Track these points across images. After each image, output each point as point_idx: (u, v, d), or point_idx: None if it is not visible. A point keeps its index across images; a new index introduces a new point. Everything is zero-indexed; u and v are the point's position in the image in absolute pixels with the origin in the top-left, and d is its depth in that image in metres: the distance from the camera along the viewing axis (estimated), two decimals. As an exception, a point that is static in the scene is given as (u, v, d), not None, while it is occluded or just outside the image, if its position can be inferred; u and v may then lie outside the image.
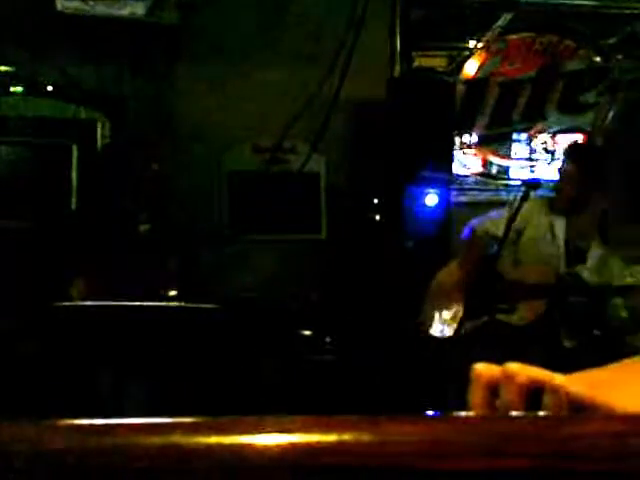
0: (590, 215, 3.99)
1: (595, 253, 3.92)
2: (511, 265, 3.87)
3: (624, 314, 3.87)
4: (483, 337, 3.76)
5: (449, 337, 3.77)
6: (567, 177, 3.90)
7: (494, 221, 4.08)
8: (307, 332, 4.55)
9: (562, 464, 0.49)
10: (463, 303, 3.89)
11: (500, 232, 3.95)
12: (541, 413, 0.76)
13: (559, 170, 4.07)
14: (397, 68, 5.24)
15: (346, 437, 0.50)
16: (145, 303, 3.30)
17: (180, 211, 4.72)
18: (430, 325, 4.02)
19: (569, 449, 0.50)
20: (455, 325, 3.70)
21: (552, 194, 3.99)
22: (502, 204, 4.48)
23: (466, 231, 4.12)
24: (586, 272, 3.88)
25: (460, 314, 3.70)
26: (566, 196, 3.88)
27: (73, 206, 4.52)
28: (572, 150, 4.29)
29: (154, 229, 3.93)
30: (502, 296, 3.80)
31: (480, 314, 3.81)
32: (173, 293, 3.76)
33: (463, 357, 3.73)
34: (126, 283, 3.61)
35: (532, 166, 5.45)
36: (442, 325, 3.91)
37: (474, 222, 4.14)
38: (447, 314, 3.90)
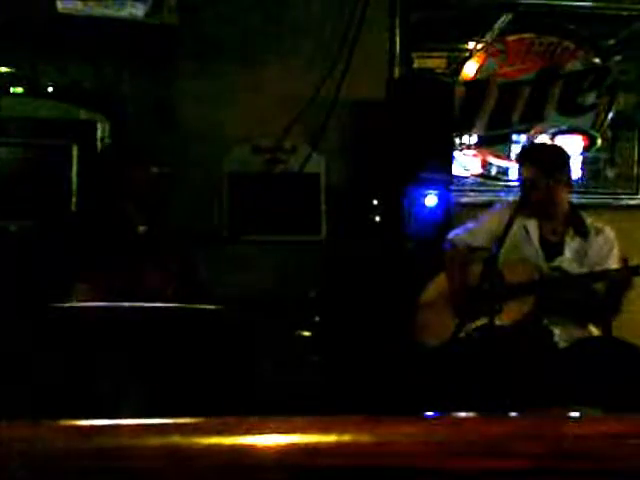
0: (560, 211, 4.01)
1: (571, 245, 3.97)
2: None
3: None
4: (477, 341, 3.78)
5: (443, 345, 3.79)
6: (529, 182, 3.91)
7: (471, 232, 4.13)
8: (307, 332, 4.55)
9: (562, 464, 0.49)
10: (453, 313, 3.92)
11: (477, 243, 4.02)
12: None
13: (519, 176, 4.07)
14: (397, 69, 5.24)
15: (346, 438, 0.50)
16: (144, 304, 3.29)
17: (180, 212, 4.72)
18: (422, 338, 4.06)
19: (569, 449, 0.50)
20: (447, 335, 3.72)
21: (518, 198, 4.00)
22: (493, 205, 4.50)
23: (446, 245, 4.17)
24: (566, 262, 3.93)
25: (451, 325, 3.73)
26: (533, 201, 3.90)
27: (73, 207, 4.52)
28: (528, 154, 4.28)
29: (154, 230, 3.93)
30: (491, 299, 3.83)
31: (472, 319, 3.84)
32: (172, 294, 3.76)
33: (459, 362, 3.75)
34: (125, 284, 3.61)
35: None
36: (434, 338, 3.94)
37: (452, 235, 4.19)
38: (438, 326, 3.93)
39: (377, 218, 4.87)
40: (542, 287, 3.87)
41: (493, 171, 5.48)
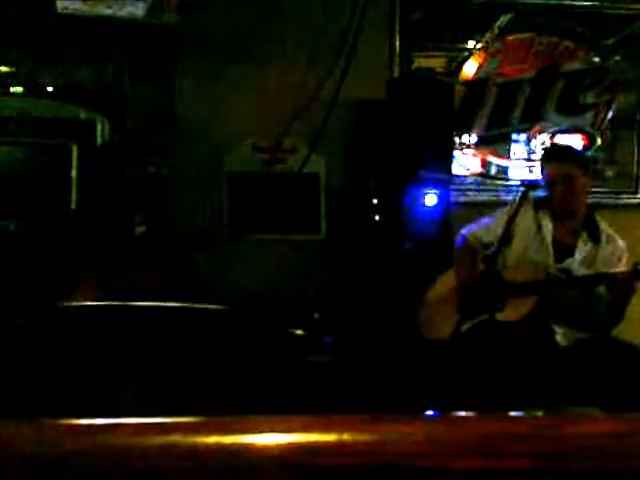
0: (579, 212, 4.01)
1: (583, 248, 3.96)
2: (501, 267, 3.92)
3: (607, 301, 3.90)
4: (479, 336, 3.78)
5: (446, 339, 3.78)
6: (568, 179, 3.89)
7: (485, 228, 4.13)
8: (305, 332, 4.54)
9: (562, 464, 0.49)
10: (459, 309, 3.92)
11: (490, 239, 4.01)
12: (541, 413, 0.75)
13: (543, 175, 4.02)
14: (396, 69, 5.24)
15: (346, 437, 0.50)
16: (144, 304, 3.29)
17: (180, 211, 4.72)
18: (427, 332, 4.06)
19: (569, 449, 0.50)
20: (451, 329, 3.71)
21: (539, 196, 3.99)
22: (501, 205, 4.50)
23: (459, 240, 4.17)
24: (575, 265, 3.92)
25: (456, 320, 3.72)
26: (568, 198, 3.89)
27: (73, 206, 4.52)
28: (565, 152, 4.26)
29: (152, 230, 3.93)
30: (495, 296, 3.83)
31: (477, 314, 3.84)
32: (172, 294, 3.75)
33: (461, 356, 3.75)
34: (124, 285, 3.61)
35: (531, 166, 5.46)
36: (439, 332, 3.94)
37: (466, 230, 4.19)
38: (444, 321, 3.93)
39: (377, 218, 4.87)
40: (546, 287, 3.86)
41: (493, 170, 5.47)
